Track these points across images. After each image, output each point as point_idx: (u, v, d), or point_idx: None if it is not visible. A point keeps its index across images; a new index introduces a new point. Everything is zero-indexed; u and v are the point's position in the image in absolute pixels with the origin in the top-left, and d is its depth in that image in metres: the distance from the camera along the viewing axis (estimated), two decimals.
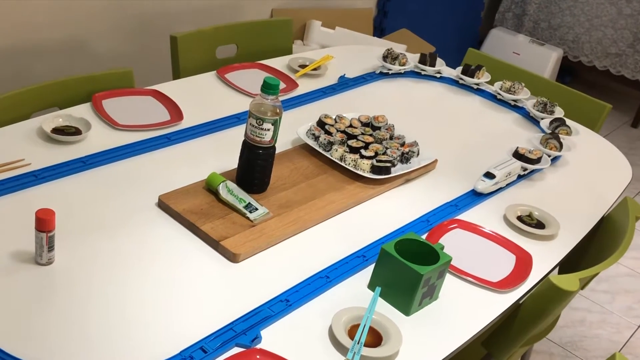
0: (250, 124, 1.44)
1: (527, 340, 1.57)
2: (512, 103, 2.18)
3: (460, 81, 2.26)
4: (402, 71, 2.24)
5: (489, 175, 1.69)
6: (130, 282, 1.23)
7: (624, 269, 2.98)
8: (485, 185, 1.67)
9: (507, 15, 4.55)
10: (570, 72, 4.65)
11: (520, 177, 1.79)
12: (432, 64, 2.26)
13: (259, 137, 1.45)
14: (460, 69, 2.28)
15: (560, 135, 1.94)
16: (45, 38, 2.28)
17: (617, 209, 1.75)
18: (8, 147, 1.50)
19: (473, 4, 4.36)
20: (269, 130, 1.44)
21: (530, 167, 1.78)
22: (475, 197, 1.67)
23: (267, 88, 1.41)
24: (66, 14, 2.31)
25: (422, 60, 2.26)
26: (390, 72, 2.22)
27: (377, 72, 2.22)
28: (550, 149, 1.87)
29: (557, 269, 1.60)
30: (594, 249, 1.76)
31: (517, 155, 1.79)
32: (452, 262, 1.44)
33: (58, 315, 1.13)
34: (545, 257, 1.54)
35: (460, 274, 1.42)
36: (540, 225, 1.63)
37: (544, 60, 4.21)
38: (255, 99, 1.44)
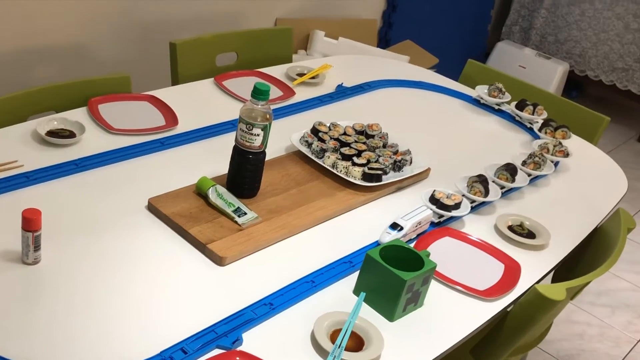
0: (241, 129, 1.45)
1: (516, 349, 1.57)
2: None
3: (482, 101, 2.24)
4: (496, 107, 2.22)
5: (395, 226, 1.47)
6: (115, 283, 1.24)
7: (625, 283, 2.96)
8: (391, 238, 1.45)
9: (514, 29, 4.55)
10: (577, 86, 4.64)
11: (505, 191, 1.79)
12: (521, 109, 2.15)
13: (248, 142, 1.46)
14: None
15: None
16: (48, 43, 2.31)
17: (610, 221, 1.75)
18: (2, 148, 1.52)
19: (480, 17, 4.38)
20: (258, 135, 1.45)
21: (447, 214, 1.57)
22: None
23: (257, 94, 1.43)
24: (69, 19, 2.34)
25: (520, 106, 2.15)
26: (481, 101, 2.22)
27: (476, 96, 2.23)
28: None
29: (547, 278, 1.60)
30: (586, 259, 1.76)
31: (433, 200, 1.59)
32: (439, 270, 1.44)
33: (41, 314, 1.15)
34: (535, 266, 1.53)
35: (446, 281, 1.42)
36: (531, 235, 1.63)
37: (550, 74, 4.21)
38: (245, 105, 1.45)
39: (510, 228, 1.64)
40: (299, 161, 1.70)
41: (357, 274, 1.37)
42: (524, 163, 1.85)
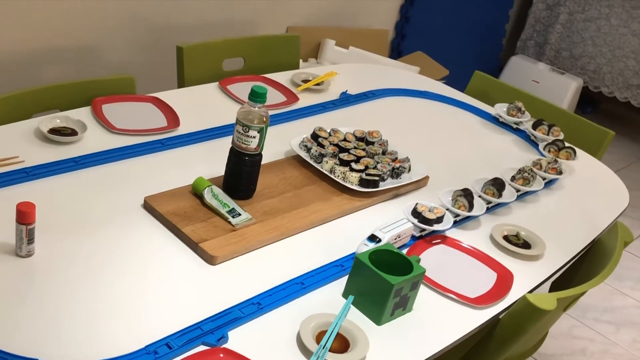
0: (237, 130, 1.47)
1: (509, 358, 1.57)
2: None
3: (500, 119, 2.22)
4: (515, 126, 2.21)
5: (373, 238, 1.44)
6: (107, 278, 1.26)
7: (631, 300, 2.94)
8: (369, 250, 1.37)
9: (528, 43, 4.55)
10: (591, 102, 4.63)
11: (493, 206, 1.79)
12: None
13: (245, 144, 1.48)
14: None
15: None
16: (59, 45, 2.35)
17: (608, 234, 1.75)
18: (5, 144, 1.55)
19: (495, 31, 4.38)
20: (254, 137, 1.47)
21: (428, 228, 1.54)
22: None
23: (254, 96, 1.45)
24: (80, 22, 2.38)
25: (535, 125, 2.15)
26: (500, 119, 2.21)
27: (495, 114, 2.22)
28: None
29: (545, 290, 1.60)
30: (583, 271, 1.76)
31: (415, 213, 1.57)
32: (430, 276, 1.45)
33: (31, 306, 1.17)
34: (528, 276, 1.53)
35: (437, 287, 1.42)
36: (526, 245, 1.63)
37: (563, 89, 4.20)
38: (243, 107, 1.47)
39: (506, 238, 1.64)
40: (297, 165, 1.71)
41: (347, 277, 1.38)
42: (512, 178, 1.82)
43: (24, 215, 1.22)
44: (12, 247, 1.27)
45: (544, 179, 1.87)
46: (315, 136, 1.78)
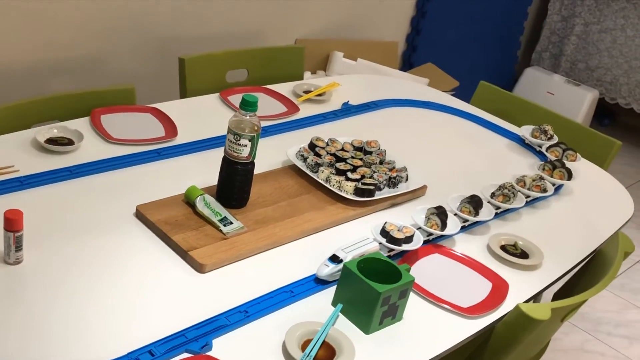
0: (229, 139, 1.48)
1: None
2: (538, 149, 2.06)
3: (526, 141, 2.15)
4: (538, 149, 2.12)
5: (334, 258, 1.38)
6: (95, 286, 1.26)
7: None
8: (329, 271, 1.36)
9: (544, 55, 4.52)
10: (609, 114, 4.58)
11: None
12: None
13: (236, 152, 1.48)
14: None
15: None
16: (63, 56, 2.38)
17: (609, 244, 1.72)
18: (2, 154, 1.57)
19: (509, 43, 4.36)
20: (246, 146, 1.47)
21: (397, 248, 1.48)
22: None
23: (246, 105, 1.45)
24: (84, 34, 2.41)
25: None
26: (526, 141, 2.15)
27: (521, 136, 2.16)
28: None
29: (544, 299, 1.58)
30: (584, 282, 1.73)
31: (384, 232, 1.49)
32: (423, 285, 1.43)
33: (18, 313, 1.17)
34: (524, 286, 1.51)
35: (428, 297, 1.41)
36: (524, 255, 1.61)
37: (579, 101, 4.16)
38: (235, 115, 1.48)
39: (503, 247, 1.62)
40: (293, 175, 1.71)
41: (336, 286, 1.37)
42: (492, 195, 1.75)
43: (12, 223, 1.23)
44: (1, 254, 1.28)
45: (527, 196, 1.81)
46: (312, 146, 1.78)
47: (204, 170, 1.65)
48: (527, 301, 1.48)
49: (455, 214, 1.65)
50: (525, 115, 2.37)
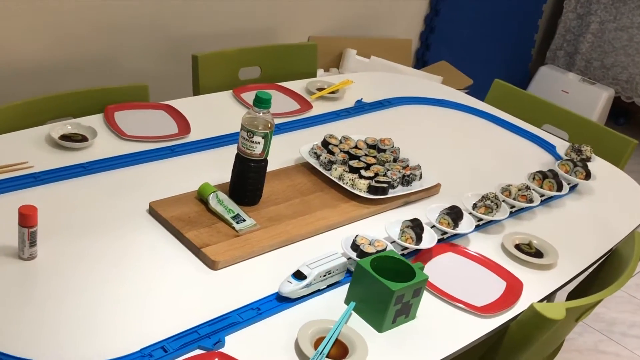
0: (242, 136, 1.47)
1: None
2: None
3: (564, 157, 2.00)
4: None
5: (298, 275, 1.31)
6: (108, 282, 1.27)
7: None
8: (292, 288, 1.29)
9: (558, 53, 4.48)
10: (624, 113, 4.54)
11: (520, 209, 1.75)
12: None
13: (249, 149, 1.47)
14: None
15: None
16: (77, 54, 2.39)
17: (625, 244, 1.70)
18: (16, 150, 1.58)
19: (524, 41, 4.33)
20: (259, 143, 1.47)
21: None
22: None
23: (259, 102, 1.45)
24: (98, 32, 2.42)
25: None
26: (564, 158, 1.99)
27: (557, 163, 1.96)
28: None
29: (558, 298, 1.56)
30: (599, 282, 1.71)
31: (354, 246, 1.42)
32: (436, 284, 1.42)
33: (31, 309, 1.18)
34: (538, 286, 1.50)
35: (442, 295, 1.40)
36: (538, 254, 1.59)
37: (594, 100, 4.13)
38: (248, 113, 1.47)
39: (517, 246, 1.60)
40: (306, 172, 1.70)
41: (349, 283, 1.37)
42: (474, 206, 1.65)
43: (26, 218, 1.23)
44: (15, 250, 1.28)
45: (512, 207, 1.73)
46: (325, 143, 1.78)
47: (217, 167, 1.65)
48: (541, 301, 1.47)
49: (433, 226, 1.57)
50: (540, 114, 2.35)
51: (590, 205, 1.87)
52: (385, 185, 1.64)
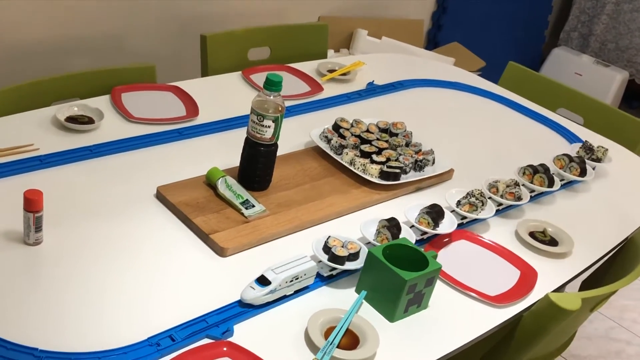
0: (252, 120, 1.44)
1: (534, 359, 1.51)
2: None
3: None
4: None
5: (262, 281, 1.21)
6: (114, 268, 1.24)
7: None
8: (255, 295, 1.20)
9: (572, 35, 4.42)
10: (638, 97, 4.47)
11: (539, 194, 1.72)
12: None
13: (259, 133, 1.44)
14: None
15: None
16: (84, 34, 2.36)
17: None
18: (22, 132, 1.55)
19: (537, 22, 4.27)
20: (269, 127, 1.43)
21: (339, 267, 1.30)
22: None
23: (270, 85, 1.41)
24: (105, 11, 2.38)
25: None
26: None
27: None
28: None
29: (574, 289, 1.53)
30: (614, 271, 1.68)
31: (326, 248, 1.33)
32: (450, 273, 1.39)
33: (37, 295, 1.15)
34: (553, 275, 1.47)
35: (455, 284, 1.37)
36: (553, 242, 1.56)
37: (607, 82, 4.07)
38: (258, 95, 1.44)
39: (532, 234, 1.57)
40: (316, 157, 1.67)
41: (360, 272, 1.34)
42: (458, 203, 1.56)
43: (31, 203, 1.21)
44: (21, 234, 1.26)
45: (499, 204, 1.63)
46: (336, 127, 1.74)
47: (226, 151, 1.62)
48: (556, 290, 1.44)
49: (412, 226, 1.48)
50: (554, 98, 2.31)
51: (606, 192, 1.83)
52: (397, 170, 1.60)
